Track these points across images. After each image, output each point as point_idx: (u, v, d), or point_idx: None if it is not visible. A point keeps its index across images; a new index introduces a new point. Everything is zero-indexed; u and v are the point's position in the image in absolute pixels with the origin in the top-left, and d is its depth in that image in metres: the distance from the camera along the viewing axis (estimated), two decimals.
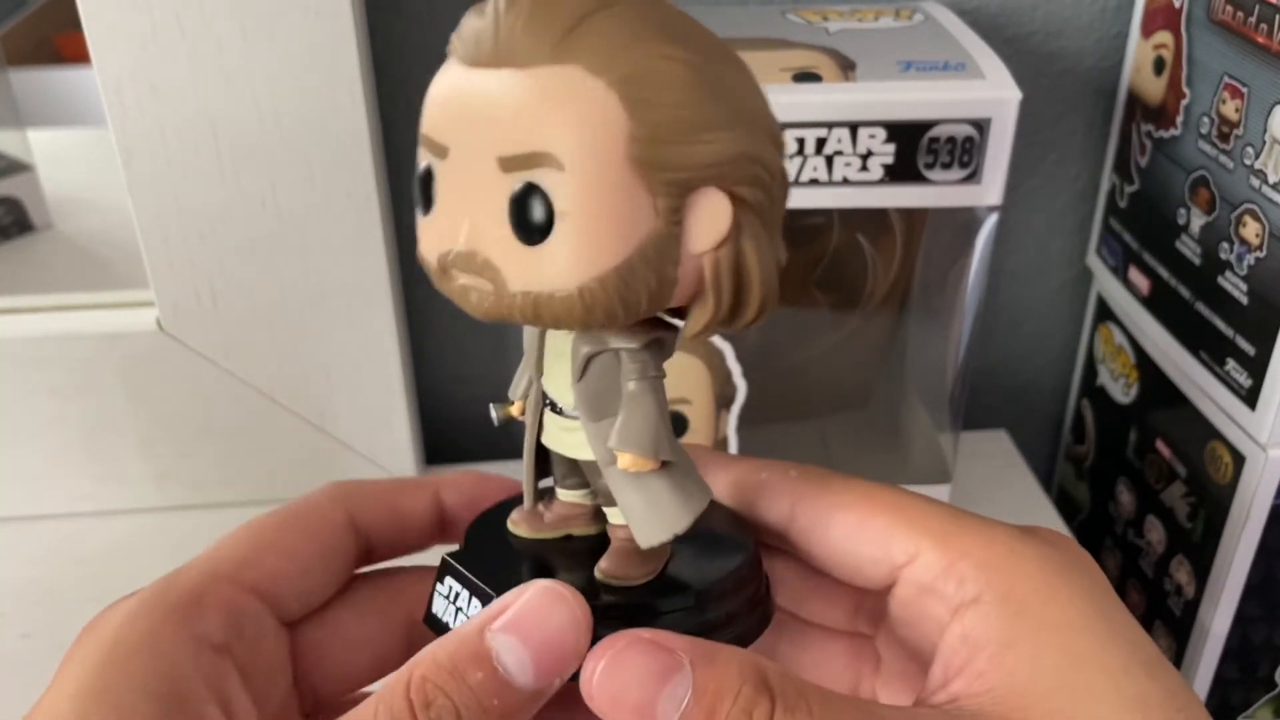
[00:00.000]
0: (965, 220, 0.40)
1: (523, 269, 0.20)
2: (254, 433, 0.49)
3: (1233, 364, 0.41)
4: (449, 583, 0.24)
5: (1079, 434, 0.56)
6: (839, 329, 0.45)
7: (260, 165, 0.43)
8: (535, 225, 0.19)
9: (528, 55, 0.19)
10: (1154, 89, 0.46)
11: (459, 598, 0.24)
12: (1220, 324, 0.42)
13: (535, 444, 0.24)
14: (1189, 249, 0.44)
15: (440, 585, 0.24)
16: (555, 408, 0.23)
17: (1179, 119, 0.44)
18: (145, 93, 0.41)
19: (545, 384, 0.23)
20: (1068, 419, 0.58)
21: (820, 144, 0.38)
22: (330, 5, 0.41)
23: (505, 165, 0.19)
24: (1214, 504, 0.43)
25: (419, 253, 0.21)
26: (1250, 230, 0.40)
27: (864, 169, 0.38)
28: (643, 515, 0.22)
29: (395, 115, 0.47)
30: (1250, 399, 0.40)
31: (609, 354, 0.21)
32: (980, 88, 0.38)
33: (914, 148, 0.38)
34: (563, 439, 0.23)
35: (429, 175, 0.21)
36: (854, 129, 0.38)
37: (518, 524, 0.25)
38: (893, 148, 0.38)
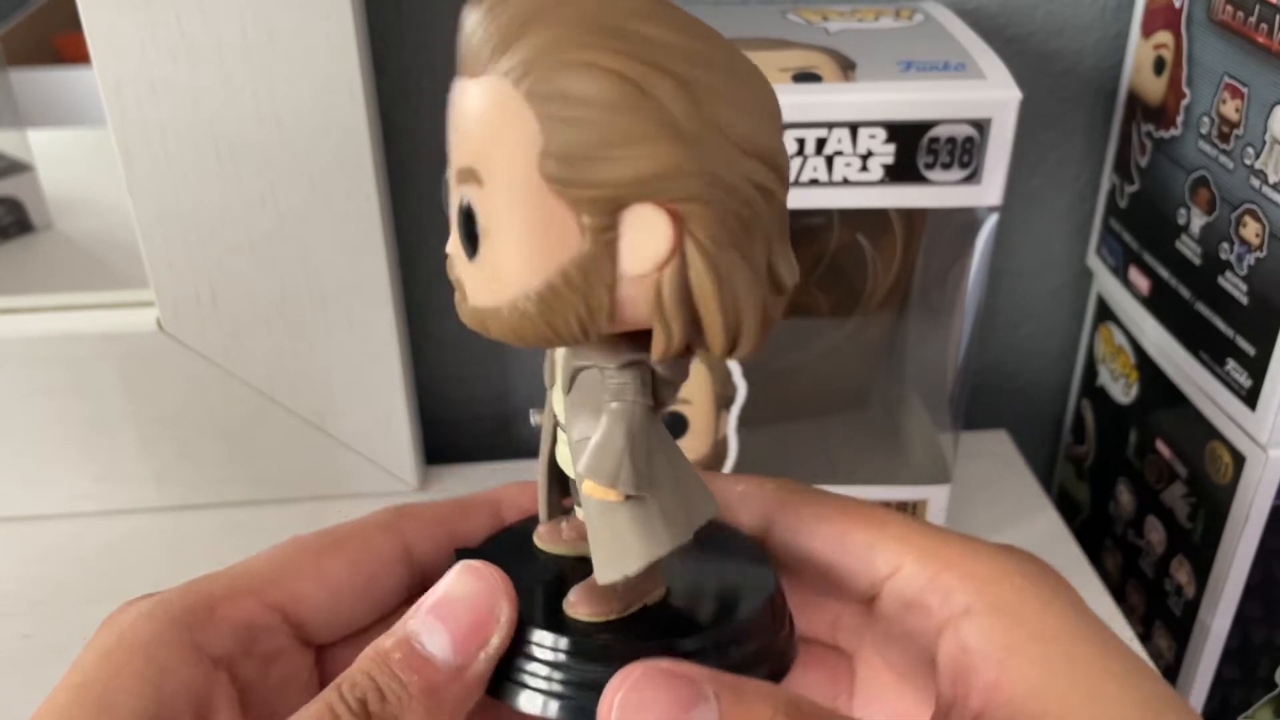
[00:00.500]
0: (965, 220, 0.40)
1: (474, 284, 0.20)
2: (254, 433, 0.49)
3: (1233, 364, 0.41)
4: None
5: (1079, 434, 0.56)
6: (839, 329, 0.45)
7: (260, 165, 0.43)
8: (471, 241, 0.19)
9: (475, 64, 0.19)
10: (1154, 89, 0.46)
11: None
12: (1220, 324, 0.42)
13: (549, 457, 0.23)
14: (1189, 249, 0.44)
15: None
16: (559, 423, 0.22)
17: (1179, 119, 0.44)
18: (145, 93, 0.41)
19: (553, 397, 0.22)
20: (1068, 419, 0.58)
21: (820, 144, 0.38)
22: (330, 5, 0.41)
23: (456, 178, 0.19)
24: (1214, 504, 0.43)
25: None
26: (1250, 230, 0.40)
27: (864, 169, 0.38)
28: (605, 548, 0.20)
29: (395, 115, 0.47)
30: (1250, 399, 0.40)
31: (594, 370, 0.20)
32: (980, 88, 0.38)
33: (914, 148, 0.38)
34: (564, 454, 0.23)
35: (447, 184, 0.21)
36: (854, 129, 0.38)
37: (541, 537, 0.25)
38: (893, 148, 0.38)
